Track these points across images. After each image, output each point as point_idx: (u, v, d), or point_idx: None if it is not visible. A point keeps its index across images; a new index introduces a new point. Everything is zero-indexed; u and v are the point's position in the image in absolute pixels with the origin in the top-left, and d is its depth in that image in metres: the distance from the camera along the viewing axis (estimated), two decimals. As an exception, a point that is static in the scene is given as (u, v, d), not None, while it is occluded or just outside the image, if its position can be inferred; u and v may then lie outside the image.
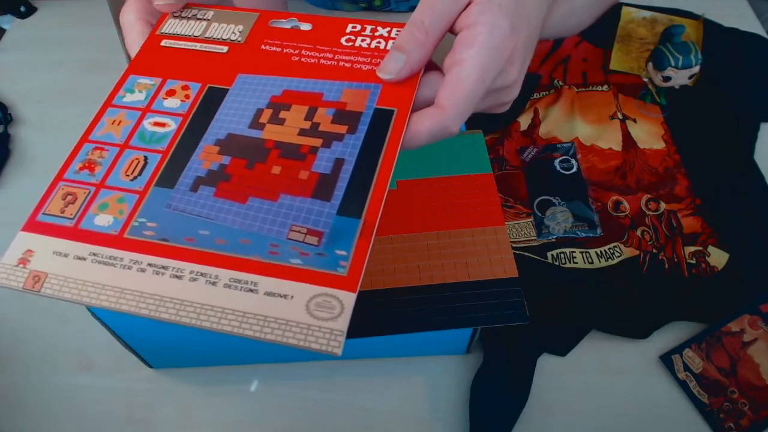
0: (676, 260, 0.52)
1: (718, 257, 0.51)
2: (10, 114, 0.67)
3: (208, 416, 0.47)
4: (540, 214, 0.55)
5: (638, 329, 0.48)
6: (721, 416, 0.44)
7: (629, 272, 0.51)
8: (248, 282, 0.28)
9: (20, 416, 0.47)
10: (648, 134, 0.60)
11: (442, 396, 0.47)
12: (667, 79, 0.58)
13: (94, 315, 0.40)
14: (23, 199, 0.58)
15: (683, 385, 0.46)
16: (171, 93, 0.35)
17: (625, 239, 0.53)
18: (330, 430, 0.46)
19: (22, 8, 0.78)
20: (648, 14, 0.67)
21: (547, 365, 0.48)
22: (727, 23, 0.67)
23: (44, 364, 0.50)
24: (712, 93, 0.61)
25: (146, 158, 0.33)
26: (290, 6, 0.65)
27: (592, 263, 0.52)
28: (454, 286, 0.40)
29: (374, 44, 0.35)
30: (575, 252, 0.53)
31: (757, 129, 0.61)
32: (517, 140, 0.60)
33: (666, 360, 0.47)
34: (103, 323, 0.41)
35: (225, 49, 0.37)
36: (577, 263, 0.52)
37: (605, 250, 0.53)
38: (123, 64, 0.50)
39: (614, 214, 0.55)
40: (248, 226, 0.30)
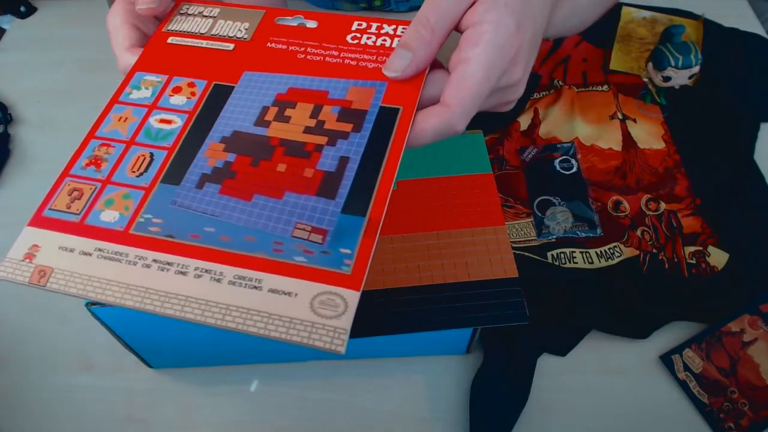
0: (676, 260, 0.52)
1: (718, 257, 0.51)
2: (10, 114, 0.67)
3: (208, 416, 0.47)
4: (540, 214, 0.55)
5: (638, 329, 0.48)
6: (721, 416, 0.44)
7: (629, 272, 0.51)
8: (252, 279, 0.28)
9: (20, 416, 0.47)
10: (648, 134, 0.60)
11: (442, 396, 0.47)
12: (667, 79, 0.58)
13: (94, 315, 0.40)
14: (23, 199, 0.58)
15: (683, 385, 0.46)
16: (177, 90, 0.35)
17: (625, 239, 0.53)
18: (330, 430, 0.46)
19: (22, 8, 0.78)
20: (648, 14, 0.67)
21: (547, 365, 0.48)
22: (727, 23, 0.67)
23: (44, 364, 0.50)
24: (712, 93, 0.61)
25: (152, 155, 0.33)
26: (290, 5, 0.64)
27: (592, 263, 0.52)
28: (454, 286, 0.40)
29: (380, 42, 0.35)
30: (575, 252, 0.53)
31: (757, 129, 0.60)
32: (517, 140, 0.60)
33: (666, 360, 0.47)
34: (103, 323, 0.41)
35: (231, 47, 0.37)
36: (577, 263, 0.52)
37: (605, 250, 0.53)
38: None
39: (614, 214, 0.55)
40: (253, 224, 0.30)
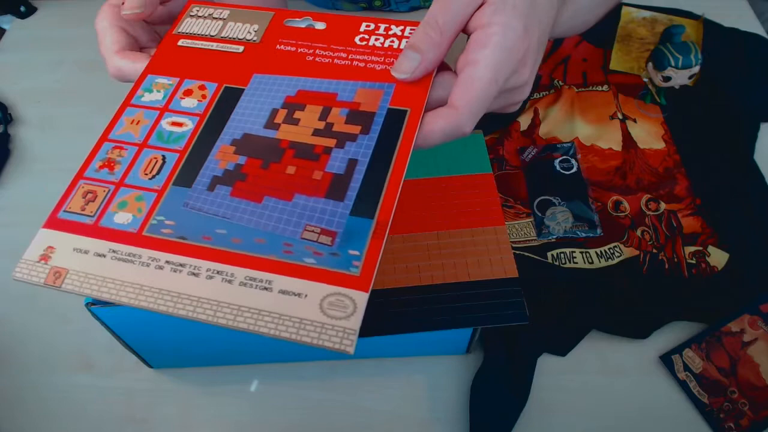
0: (676, 260, 0.52)
1: (718, 257, 0.52)
2: (10, 114, 0.67)
3: (208, 416, 0.47)
4: (540, 214, 0.55)
5: (638, 329, 0.48)
6: (721, 416, 0.44)
7: (629, 272, 0.51)
8: (263, 280, 0.28)
9: (20, 416, 0.47)
10: (648, 134, 0.60)
11: (442, 396, 0.47)
12: (667, 79, 0.58)
13: (94, 315, 0.40)
14: (23, 199, 0.58)
15: (683, 385, 0.46)
16: (188, 93, 0.36)
17: (625, 239, 0.53)
18: (330, 430, 0.46)
19: (22, 8, 0.78)
20: (648, 14, 0.67)
21: (547, 365, 0.48)
22: (727, 23, 0.67)
23: (44, 364, 0.50)
24: (712, 93, 0.61)
25: (164, 157, 0.33)
26: (290, 6, 0.64)
27: (592, 263, 0.52)
28: (454, 286, 0.40)
29: (388, 43, 0.36)
30: (575, 252, 0.53)
31: (757, 129, 0.61)
32: (517, 140, 0.60)
33: (666, 360, 0.47)
34: (103, 323, 0.41)
35: (241, 49, 0.37)
36: (577, 263, 0.52)
37: (605, 250, 0.53)
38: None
39: (614, 214, 0.55)
40: (263, 226, 0.30)
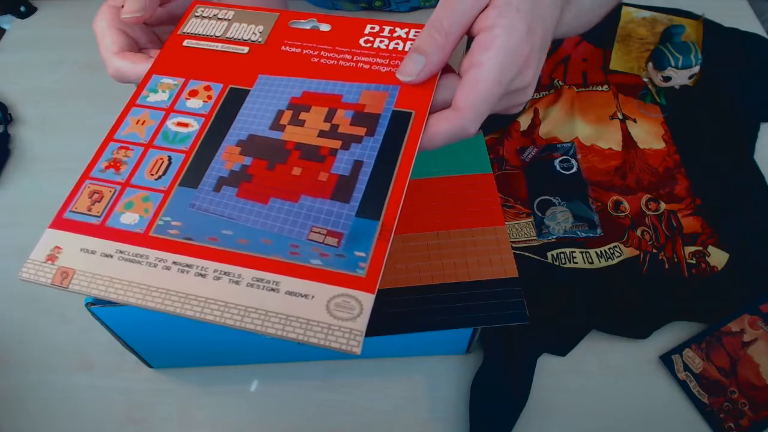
0: (676, 260, 0.52)
1: (718, 257, 0.52)
2: (10, 114, 0.67)
3: (208, 416, 0.47)
4: (540, 214, 0.55)
5: (638, 329, 0.48)
6: (721, 416, 0.44)
7: (629, 272, 0.51)
8: (270, 281, 0.28)
9: (20, 416, 0.47)
10: (648, 134, 0.60)
11: (442, 396, 0.47)
12: (667, 79, 0.58)
13: (94, 315, 0.40)
14: (23, 199, 0.58)
15: (683, 385, 0.46)
16: (193, 93, 0.36)
17: (625, 239, 0.53)
18: (330, 430, 0.46)
19: (22, 8, 0.78)
20: (648, 14, 0.67)
21: (547, 365, 0.48)
22: (727, 23, 0.67)
23: (44, 364, 0.50)
24: (712, 93, 0.61)
25: (170, 158, 0.33)
26: (291, 6, 0.64)
27: (592, 263, 0.52)
28: (454, 286, 0.40)
29: (392, 45, 0.36)
30: (575, 252, 0.53)
31: (757, 129, 0.61)
32: (517, 140, 0.60)
33: (666, 360, 0.47)
34: (103, 323, 0.41)
35: (246, 50, 0.37)
36: (577, 263, 0.52)
37: (605, 250, 0.53)
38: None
39: (614, 214, 0.55)
40: (270, 227, 0.30)
